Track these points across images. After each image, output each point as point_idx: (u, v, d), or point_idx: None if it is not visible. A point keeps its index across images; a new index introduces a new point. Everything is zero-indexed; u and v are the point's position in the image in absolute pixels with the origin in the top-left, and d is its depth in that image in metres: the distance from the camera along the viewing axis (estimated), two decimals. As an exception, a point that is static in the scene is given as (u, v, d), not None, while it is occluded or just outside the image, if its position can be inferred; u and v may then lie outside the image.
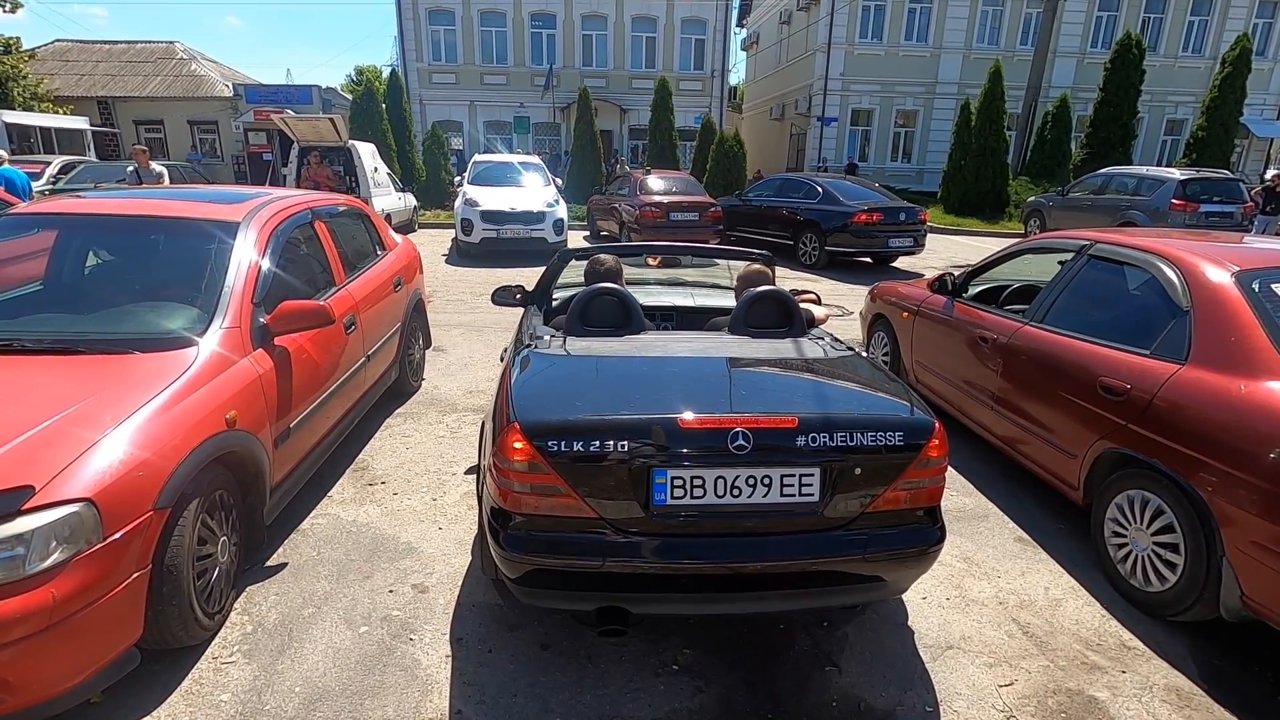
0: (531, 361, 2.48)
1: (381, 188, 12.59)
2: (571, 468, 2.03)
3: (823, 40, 23.79)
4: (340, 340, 3.49)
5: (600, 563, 2.08)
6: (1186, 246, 3.02)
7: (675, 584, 2.16)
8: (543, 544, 2.08)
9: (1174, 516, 2.60)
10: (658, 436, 2.05)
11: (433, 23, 24.85)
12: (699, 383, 2.39)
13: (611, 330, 2.76)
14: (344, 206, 4.36)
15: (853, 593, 2.27)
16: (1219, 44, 23.29)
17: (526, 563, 2.09)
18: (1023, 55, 21.89)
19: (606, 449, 2.03)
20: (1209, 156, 18.55)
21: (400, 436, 4.21)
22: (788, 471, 2.09)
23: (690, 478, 2.06)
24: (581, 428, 2.06)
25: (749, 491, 2.09)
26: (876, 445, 2.12)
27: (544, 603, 2.26)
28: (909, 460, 2.15)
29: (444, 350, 6.05)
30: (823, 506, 2.12)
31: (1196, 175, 12.80)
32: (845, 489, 2.13)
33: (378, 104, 18.05)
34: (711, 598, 2.22)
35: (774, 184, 12.86)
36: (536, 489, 2.05)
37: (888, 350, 5.07)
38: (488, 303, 3.98)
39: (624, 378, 2.44)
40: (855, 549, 2.15)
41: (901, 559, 2.20)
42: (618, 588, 2.13)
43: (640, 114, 24.37)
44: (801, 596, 2.23)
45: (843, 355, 2.68)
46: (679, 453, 2.06)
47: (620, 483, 2.06)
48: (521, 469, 2.03)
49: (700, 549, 2.12)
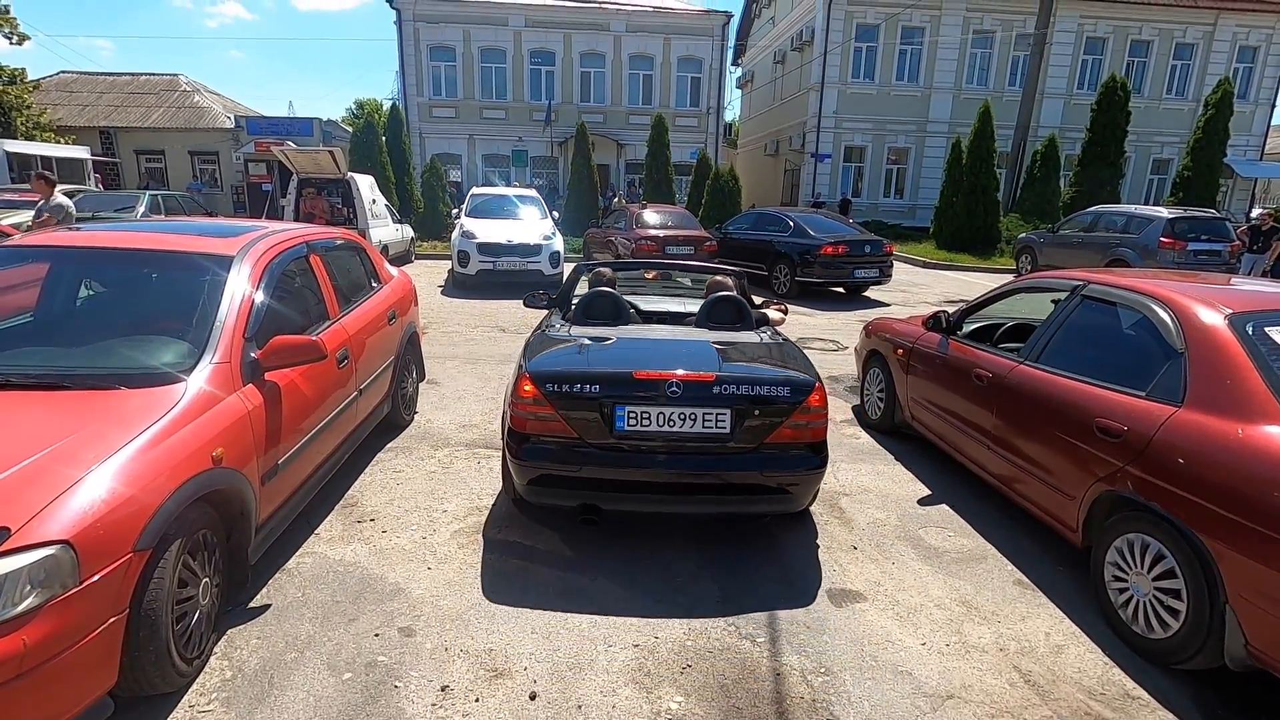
0: (544, 337, 3.69)
1: (379, 219, 12.67)
2: (561, 402, 3.03)
3: (816, 80, 24.31)
4: (332, 375, 3.46)
5: (579, 468, 3.05)
6: (1179, 288, 3.04)
7: (632, 488, 3.11)
8: (542, 454, 3.06)
9: (1175, 561, 2.56)
10: (618, 382, 3.05)
11: (434, 59, 25.32)
12: (655, 353, 3.40)
13: (605, 321, 3.85)
14: (340, 240, 4.36)
15: (761, 502, 3.23)
16: (1201, 87, 23.91)
17: (533, 469, 3.08)
18: (1011, 96, 22.39)
19: (583, 390, 3.03)
20: (1195, 195, 18.87)
21: (391, 472, 4.15)
22: (707, 411, 3.04)
23: (640, 412, 3.03)
24: (567, 375, 3.09)
25: (680, 423, 3.05)
26: (770, 396, 3.09)
27: (544, 500, 3.22)
28: (794, 408, 3.09)
29: (438, 383, 6.01)
30: (732, 437, 3.06)
31: (1184, 214, 13.00)
32: (748, 425, 3.07)
33: (378, 136, 18.27)
34: (660, 499, 3.17)
35: (751, 218, 13.43)
36: (539, 417, 3.06)
37: (883, 386, 5.06)
38: (483, 334, 4.27)
39: (604, 348, 3.48)
40: (755, 467, 3.10)
41: (791, 477, 3.13)
42: (592, 488, 3.10)
43: (637, 148, 24.74)
44: (725, 503, 3.20)
45: (774, 343, 3.70)
46: (632, 394, 3.02)
47: (593, 413, 3.04)
48: (529, 403, 3.05)
49: (648, 462, 3.06)
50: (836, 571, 3.23)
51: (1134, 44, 24.81)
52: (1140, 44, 24.85)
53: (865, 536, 3.58)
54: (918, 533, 3.64)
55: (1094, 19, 24.34)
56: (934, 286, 13.55)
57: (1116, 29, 24.56)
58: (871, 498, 4.04)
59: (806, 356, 3.60)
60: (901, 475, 4.38)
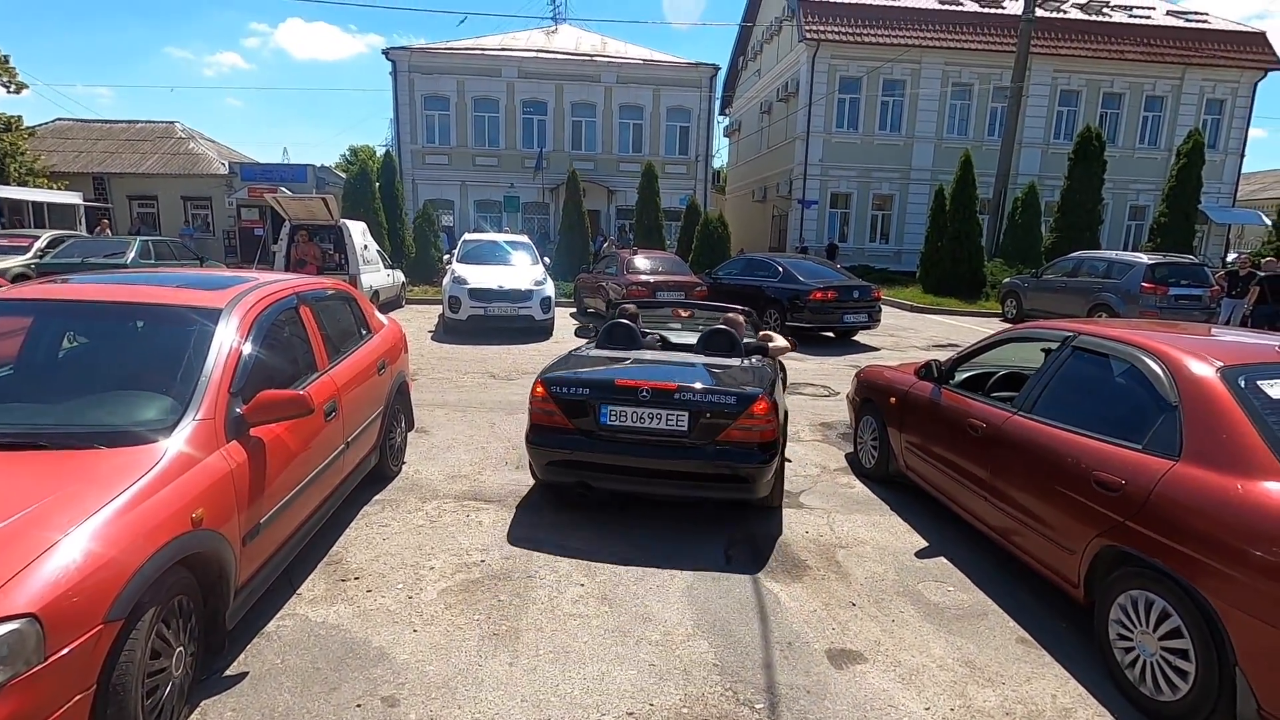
0: (568, 356, 4.78)
1: (371, 265, 12.71)
2: (561, 401, 3.97)
3: (802, 129, 24.98)
4: (319, 428, 3.39)
5: (573, 452, 3.95)
6: (1170, 340, 3.05)
7: (614, 470, 3.95)
8: (549, 441, 4.01)
9: (1180, 620, 2.50)
10: (602, 388, 3.99)
11: (428, 108, 25.84)
12: (642, 370, 4.30)
13: (621, 345, 4.82)
14: (331, 290, 4.34)
15: (726, 489, 3.94)
16: (1172, 137, 24.76)
17: (543, 454, 4.04)
18: (991, 145, 23.06)
19: (577, 392, 3.98)
20: (1172, 241, 19.31)
21: (377, 526, 4.04)
22: (669, 412, 3.85)
23: (619, 410, 3.89)
24: (566, 380, 4.05)
25: (650, 421, 3.88)
26: (719, 403, 3.85)
27: (553, 478, 4.14)
28: (739, 414, 3.82)
29: (427, 432, 5.93)
30: (689, 434, 3.85)
31: (1164, 259, 13.28)
32: (702, 425, 3.84)
33: (371, 183, 18.48)
34: (636, 481, 3.98)
35: (741, 264, 13.62)
36: (546, 412, 4.01)
37: (877, 435, 5.03)
38: (474, 381, 4.72)
39: (606, 363, 4.47)
40: (708, 459, 3.84)
41: (742, 469, 3.82)
42: (585, 469, 3.98)
43: (627, 194, 25.15)
44: (691, 487, 3.97)
45: (748, 367, 4.42)
46: (613, 397, 3.91)
47: (584, 410, 3.94)
48: (539, 401, 4.02)
49: (625, 449, 3.90)
50: (836, 630, 3.15)
51: (1106, 96, 25.74)
52: (1112, 96, 25.78)
53: (864, 592, 3.50)
54: (917, 587, 3.56)
55: (1067, 73, 25.29)
56: (922, 330, 13.67)
57: (1089, 82, 25.51)
58: (869, 550, 3.97)
59: (771, 377, 4.29)
60: (898, 526, 4.32)
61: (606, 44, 27.97)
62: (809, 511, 4.51)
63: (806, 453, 5.71)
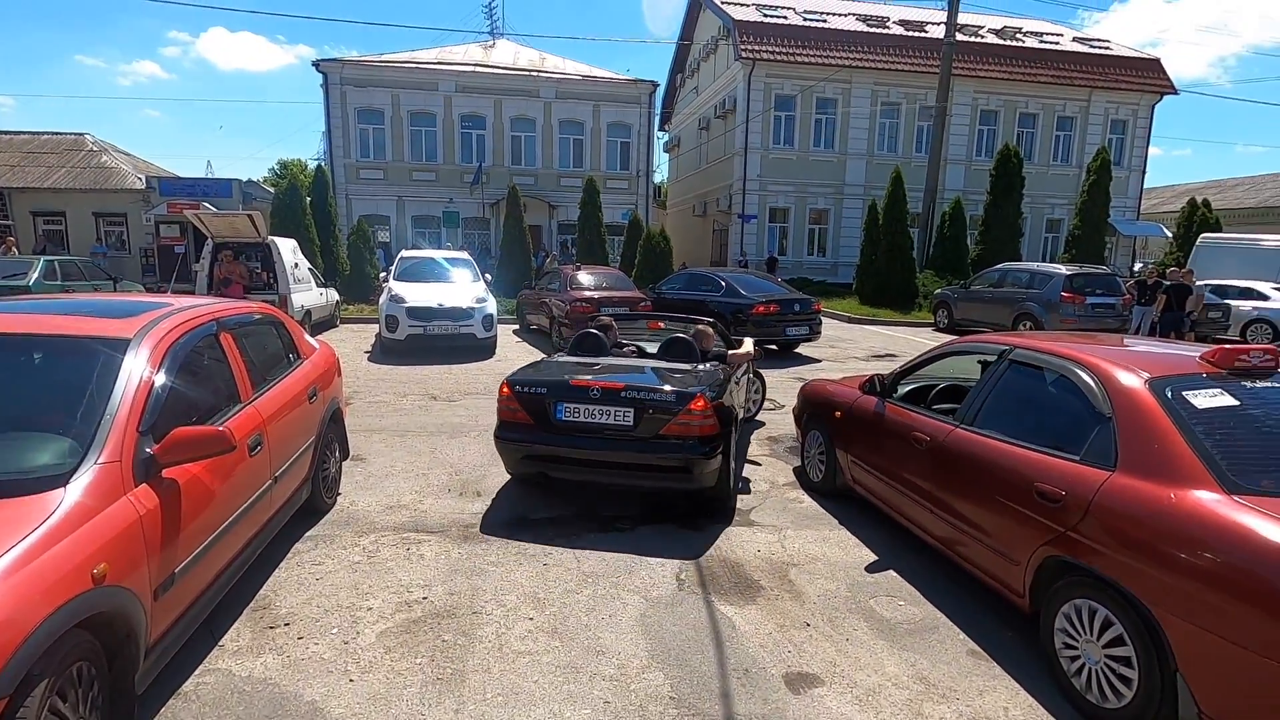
0: (539, 362, 5.28)
1: (302, 283, 12.20)
2: (523, 399, 4.42)
3: (740, 145, 25.47)
4: (243, 465, 3.16)
5: (532, 446, 4.40)
6: (1100, 353, 3.16)
7: (569, 461, 4.39)
8: (513, 437, 4.45)
9: (1123, 628, 2.56)
10: (558, 388, 4.41)
11: (362, 121, 25.18)
12: (598, 372, 4.68)
13: (590, 353, 5.26)
14: (256, 314, 4.09)
15: (668, 478, 4.34)
16: (1082, 155, 26.36)
17: (508, 447, 4.49)
18: (919, 161, 24.02)
19: (536, 391, 4.42)
20: (1085, 252, 20.56)
21: (309, 565, 3.80)
22: (617, 409, 4.27)
23: (572, 407, 4.32)
24: (526, 382, 4.51)
25: (600, 417, 4.30)
26: (661, 401, 4.27)
27: (519, 470, 4.64)
28: (679, 410, 4.23)
29: (364, 459, 5.66)
30: (635, 429, 4.26)
31: (1081, 270, 14.06)
32: (646, 421, 4.25)
33: (302, 197, 17.83)
34: (588, 471, 4.41)
35: (684, 278, 13.69)
36: (510, 409, 4.46)
37: (823, 450, 5.06)
38: (414, 403, 5.05)
39: (567, 367, 4.85)
40: (651, 451, 4.25)
41: (683, 460, 4.21)
42: (544, 461, 4.44)
43: (569, 209, 25.07)
44: (638, 477, 4.39)
45: (699, 371, 4.86)
46: (567, 395, 4.36)
47: (542, 408, 4.37)
48: (505, 399, 4.48)
49: (578, 443, 4.33)
50: (792, 652, 3.11)
51: (1022, 116, 27.25)
52: (1028, 116, 27.31)
53: (817, 611, 3.48)
54: (869, 603, 3.56)
55: (986, 94, 26.67)
56: (861, 341, 14.03)
57: (1006, 103, 26.96)
58: (820, 566, 3.97)
59: (719, 380, 4.70)
60: (847, 540, 4.34)
61: (545, 59, 27.94)
62: (760, 529, 4.49)
63: (754, 468, 5.71)
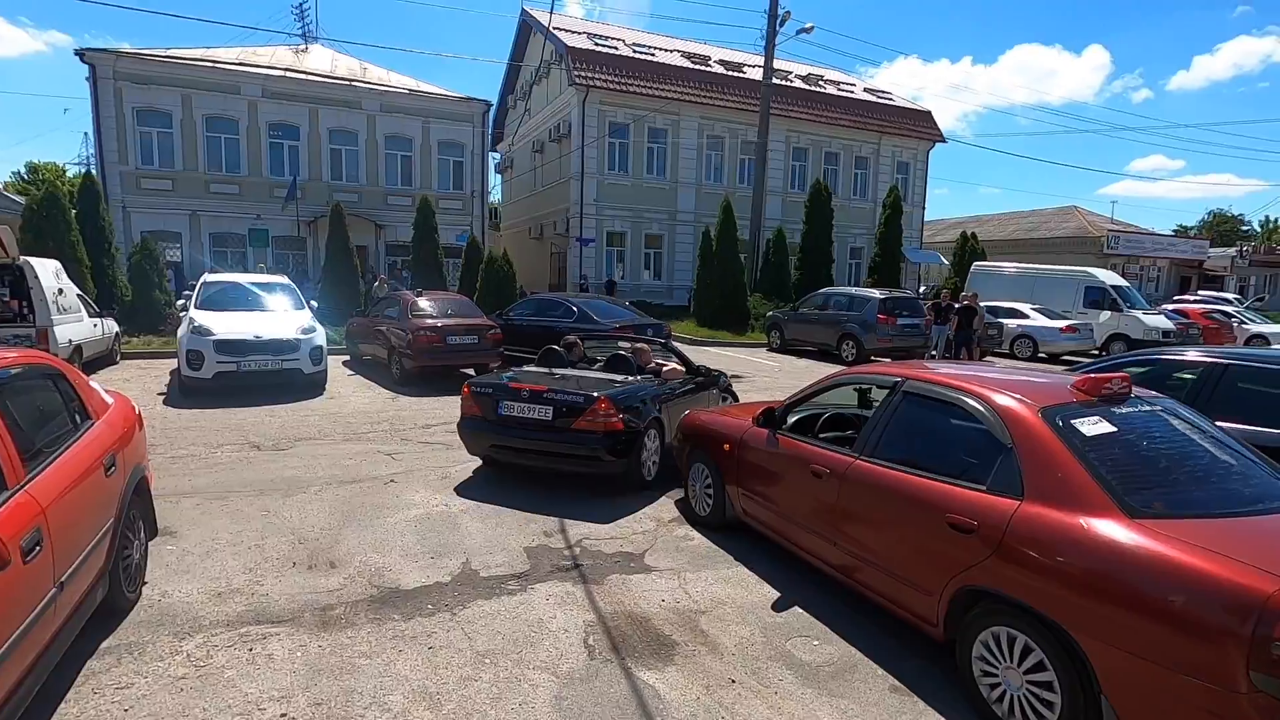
0: (508, 369, 7.10)
1: (69, 313, 10.08)
2: (477, 398, 5.87)
3: (576, 170, 25.61)
4: (14, 576, 2.32)
5: (482, 434, 5.84)
6: (990, 383, 3.32)
7: (509, 449, 5.71)
8: (470, 428, 5.93)
9: (1044, 654, 2.64)
10: (500, 389, 5.77)
11: (143, 123, 21.84)
12: (531, 377, 6.02)
13: (551, 366, 6.52)
14: (20, 367, 3.10)
15: (583, 465, 5.46)
16: (877, 191, 29.89)
17: (467, 435, 5.98)
18: (743, 191, 25.67)
19: (484, 391, 5.87)
20: (886, 277, 23.19)
21: (111, 691, 2.91)
22: (540, 407, 5.51)
23: (510, 404, 5.65)
24: (480, 383, 5.98)
25: (531, 413, 5.55)
26: (570, 402, 5.42)
27: (476, 453, 6.12)
28: (586, 409, 5.34)
29: (174, 533, 4.62)
30: (554, 423, 5.44)
31: (891, 294, 15.70)
32: (562, 417, 5.41)
33: (64, 210, 14.87)
34: (523, 456, 5.70)
35: (533, 304, 13.37)
36: (469, 405, 5.93)
37: (709, 483, 4.96)
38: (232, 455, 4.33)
39: (519, 375, 6.19)
40: (567, 442, 5.40)
41: (593, 451, 5.34)
42: (491, 447, 5.86)
43: (398, 229, 23.60)
44: (560, 462, 5.56)
45: (625, 380, 5.96)
46: (506, 395, 5.70)
47: (488, 404, 5.78)
48: (466, 398, 5.96)
49: (515, 434, 5.61)
50: (725, 717, 2.88)
51: (827, 154, 30.32)
52: (831, 154, 30.44)
53: (738, 664, 3.30)
54: (785, 646, 3.46)
55: (797, 133, 29.33)
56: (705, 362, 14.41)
57: (813, 142, 29.83)
58: (728, 611, 3.81)
59: (636, 388, 5.80)
60: (747, 578, 4.24)
61: (367, 69, 26.18)
62: (658, 574, 4.25)
63: (635, 503, 5.48)
